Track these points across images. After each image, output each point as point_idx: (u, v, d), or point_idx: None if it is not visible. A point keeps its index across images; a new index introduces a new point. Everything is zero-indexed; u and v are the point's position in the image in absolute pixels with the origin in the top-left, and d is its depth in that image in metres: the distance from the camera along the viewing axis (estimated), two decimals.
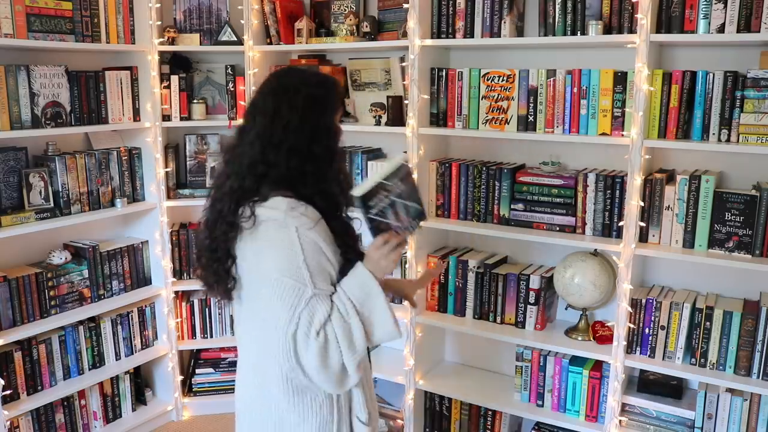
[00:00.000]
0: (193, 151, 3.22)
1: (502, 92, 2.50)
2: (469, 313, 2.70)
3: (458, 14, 2.52)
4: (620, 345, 2.35)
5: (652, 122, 2.25)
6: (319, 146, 1.51)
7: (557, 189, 2.46)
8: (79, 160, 2.77)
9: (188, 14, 3.08)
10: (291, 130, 1.48)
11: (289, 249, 1.43)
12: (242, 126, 1.57)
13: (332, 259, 1.49)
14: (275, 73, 1.62)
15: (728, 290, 2.39)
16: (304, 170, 1.49)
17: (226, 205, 1.51)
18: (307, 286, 1.43)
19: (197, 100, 3.10)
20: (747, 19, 2.05)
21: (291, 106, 1.49)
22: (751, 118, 2.08)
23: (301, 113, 1.49)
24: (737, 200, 2.15)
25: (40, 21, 2.53)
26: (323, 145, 1.52)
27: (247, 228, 1.47)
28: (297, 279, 1.42)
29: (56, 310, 2.76)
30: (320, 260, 1.46)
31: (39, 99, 2.57)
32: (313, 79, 1.58)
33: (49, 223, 2.65)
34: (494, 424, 2.76)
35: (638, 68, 2.17)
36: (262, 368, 1.57)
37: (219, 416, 3.30)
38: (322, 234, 1.47)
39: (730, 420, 2.27)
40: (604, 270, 2.41)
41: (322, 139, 1.52)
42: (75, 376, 2.85)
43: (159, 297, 3.16)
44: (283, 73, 1.62)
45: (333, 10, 2.94)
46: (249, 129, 1.53)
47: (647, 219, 2.30)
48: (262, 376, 1.58)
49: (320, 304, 1.44)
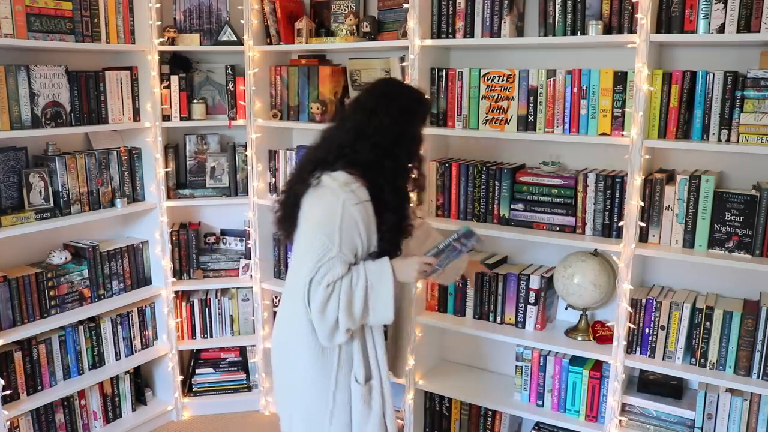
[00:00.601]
0: (193, 151, 3.22)
1: (502, 92, 2.50)
2: (469, 313, 2.70)
3: (458, 14, 2.52)
4: (620, 345, 2.35)
5: (652, 122, 2.25)
6: (401, 148, 1.83)
7: (557, 189, 2.46)
8: (79, 160, 2.77)
9: (188, 14, 3.08)
10: (381, 129, 1.80)
11: (332, 213, 1.72)
12: (344, 115, 1.93)
13: (364, 237, 1.77)
14: (383, 80, 2.01)
15: (728, 290, 2.39)
16: (383, 164, 1.79)
17: (307, 167, 1.86)
18: (334, 246, 1.72)
19: (197, 100, 3.10)
20: (747, 19, 2.05)
21: (387, 110, 1.82)
22: (751, 118, 2.08)
23: (393, 118, 1.82)
24: (737, 200, 2.15)
25: (40, 21, 2.53)
26: (406, 148, 1.85)
27: (312, 186, 1.81)
28: (329, 238, 1.72)
29: (56, 310, 2.76)
30: (352, 233, 1.74)
31: (39, 99, 2.57)
32: (411, 93, 1.93)
33: (49, 223, 2.65)
34: (494, 424, 2.76)
35: (638, 68, 2.17)
36: (295, 306, 1.84)
37: (219, 416, 3.30)
38: (362, 213, 1.75)
39: (730, 420, 2.27)
40: (604, 270, 2.41)
41: (406, 143, 1.86)
42: (75, 376, 2.85)
43: (159, 297, 3.16)
44: (389, 81, 2.01)
45: (333, 10, 2.94)
46: (348, 119, 1.87)
47: (647, 219, 2.30)
48: (294, 312, 1.86)
49: (338, 264, 1.73)
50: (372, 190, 1.79)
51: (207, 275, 3.26)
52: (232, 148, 3.19)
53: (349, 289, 1.75)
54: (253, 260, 3.21)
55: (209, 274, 3.27)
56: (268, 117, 3.09)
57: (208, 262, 3.26)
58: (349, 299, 1.75)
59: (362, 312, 1.78)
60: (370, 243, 1.80)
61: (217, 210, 3.37)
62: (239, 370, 3.36)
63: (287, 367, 1.95)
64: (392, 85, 1.96)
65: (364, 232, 1.76)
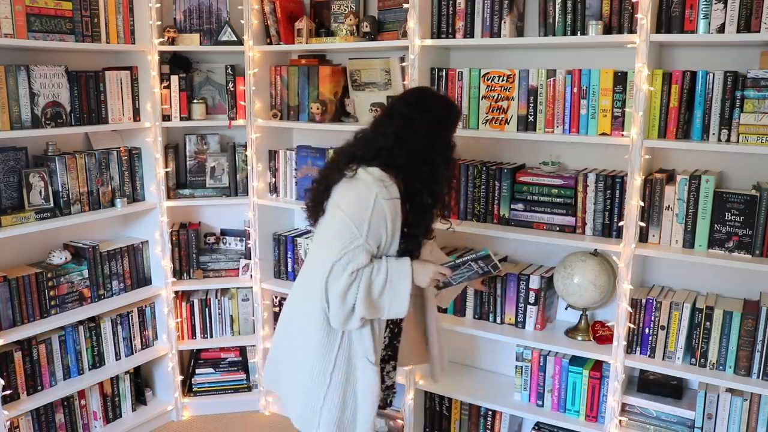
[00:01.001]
0: (193, 151, 3.22)
1: (502, 92, 2.50)
2: (469, 313, 2.70)
3: (458, 14, 2.52)
4: (620, 345, 2.35)
5: (652, 122, 2.25)
6: (436, 154, 1.93)
7: (557, 189, 2.46)
8: (79, 160, 2.77)
9: (188, 14, 3.08)
10: (417, 136, 1.90)
11: (364, 203, 1.82)
12: (381, 119, 2.01)
13: (389, 232, 1.86)
14: (419, 89, 2.15)
15: (728, 290, 2.39)
16: (420, 169, 1.90)
17: (343, 160, 1.95)
18: (362, 236, 1.82)
19: (197, 100, 3.10)
20: (747, 19, 2.05)
21: (423, 118, 1.91)
22: (751, 118, 2.08)
23: (428, 125, 1.91)
24: (737, 200, 2.15)
25: (40, 21, 2.53)
26: (440, 154, 1.94)
27: (347, 177, 1.89)
28: (357, 226, 1.82)
29: (56, 310, 2.76)
30: (380, 226, 1.84)
31: (39, 99, 2.57)
32: (443, 102, 2.04)
33: (49, 223, 2.65)
34: (494, 424, 2.76)
35: (638, 68, 2.17)
36: (310, 285, 1.95)
37: (219, 416, 3.30)
38: (391, 209, 1.84)
39: (730, 420, 2.27)
40: (604, 270, 2.41)
41: (440, 149, 1.95)
42: (75, 376, 2.85)
43: (159, 297, 3.16)
44: (424, 90, 2.11)
45: (333, 10, 2.94)
46: (387, 123, 1.95)
47: (647, 219, 2.30)
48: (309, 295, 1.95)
49: (363, 253, 1.83)
50: (405, 190, 1.89)
51: (207, 275, 3.26)
52: (232, 148, 3.19)
53: (369, 280, 1.84)
54: (253, 260, 3.21)
55: (209, 274, 3.27)
56: (268, 117, 3.09)
57: (208, 262, 3.26)
58: (368, 290, 1.85)
59: (378, 304, 1.88)
60: (394, 239, 1.89)
61: (217, 210, 3.37)
62: (239, 370, 3.36)
63: (294, 346, 2.04)
64: (425, 94, 2.06)
65: (390, 228, 1.85)
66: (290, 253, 3.16)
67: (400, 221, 1.89)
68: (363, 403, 1.97)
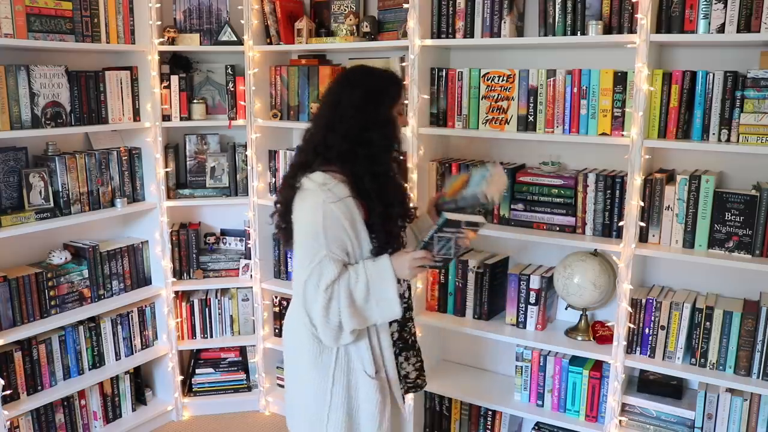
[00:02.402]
0: (193, 151, 3.22)
1: (502, 92, 2.50)
2: (469, 313, 2.70)
3: (458, 14, 2.52)
4: (620, 345, 2.35)
5: (652, 122, 2.25)
6: (373, 133, 1.77)
7: (557, 189, 2.46)
8: (79, 160, 2.77)
9: (188, 14, 3.08)
10: (346, 118, 1.76)
11: (314, 214, 1.71)
12: (316, 113, 1.91)
13: (351, 234, 1.74)
14: (350, 67, 1.95)
15: (728, 290, 2.39)
16: (357, 153, 1.75)
17: (290, 173, 1.86)
18: (322, 247, 1.71)
19: (197, 100, 3.10)
20: (747, 19, 2.05)
21: (350, 98, 1.78)
22: (751, 118, 2.08)
23: (356, 105, 1.77)
24: (737, 200, 2.15)
25: (40, 21, 2.53)
26: (378, 133, 1.78)
27: (297, 190, 1.79)
28: (314, 239, 1.71)
29: (56, 310, 2.76)
30: (337, 231, 1.71)
31: (39, 99, 2.57)
32: (374, 77, 1.86)
33: (49, 223, 2.65)
34: (494, 424, 2.76)
35: (638, 68, 2.17)
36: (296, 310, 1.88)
37: (219, 416, 3.30)
38: (343, 210, 1.72)
39: (730, 420, 2.27)
40: (604, 270, 2.41)
41: (377, 127, 1.78)
42: (75, 376, 2.85)
43: (159, 297, 3.16)
44: (352, 69, 1.93)
45: (333, 10, 2.94)
46: (318, 116, 1.86)
47: (647, 219, 2.30)
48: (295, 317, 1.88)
49: (330, 264, 1.71)
50: (353, 183, 1.76)
51: (207, 275, 3.26)
52: (232, 148, 3.18)
53: (348, 290, 1.72)
54: (253, 260, 3.21)
55: (209, 274, 3.27)
56: (268, 117, 3.09)
57: (208, 262, 3.26)
58: (350, 300, 1.73)
59: (365, 312, 1.75)
60: (360, 239, 1.77)
61: (217, 210, 3.37)
62: (239, 370, 3.36)
63: (291, 372, 1.98)
64: (354, 71, 1.91)
65: (350, 229, 1.73)
66: (290, 253, 3.16)
67: (360, 219, 1.76)
68: (366, 420, 1.85)
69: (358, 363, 1.84)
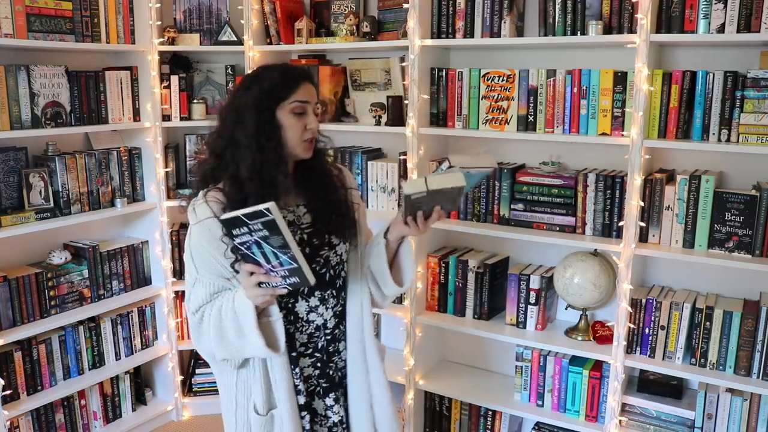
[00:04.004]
0: (193, 151, 3.22)
1: (502, 92, 2.50)
2: (469, 313, 2.70)
3: (458, 14, 2.52)
4: (620, 345, 2.35)
5: (652, 122, 2.25)
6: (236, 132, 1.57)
7: (557, 189, 2.46)
8: (79, 160, 2.77)
9: (188, 14, 3.08)
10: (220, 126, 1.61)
11: (188, 237, 1.62)
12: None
13: (218, 256, 1.54)
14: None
15: (728, 290, 2.39)
16: (225, 158, 1.58)
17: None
18: (194, 271, 1.60)
19: (197, 100, 3.10)
20: (747, 19, 2.05)
21: (223, 107, 1.65)
22: (751, 118, 2.08)
23: (225, 109, 1.63)
24: (737, 200, 2.15)
25: (40, 21, 2.53)
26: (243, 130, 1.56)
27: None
28: (189, 262, 1.61)
29: (56, 310, 2.76)
30: (203, 255, 1.57)
31: (39, 99, 2.57)
32: (245, 77, 1.66)
33: (49, 223, 2.65)
34: (494, 424, 2.76)
35: (638, 68, 2.17)
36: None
37: (219, 416, 3.26)
38: (202, 232, 1.56)
39: (730, 420, 2.27)
40: (604, 270, 2.41)
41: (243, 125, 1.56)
42: (75, 376, 2.85)
43: (159, 297, 3.16)
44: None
45: (333, 10, 2.94)
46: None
47: (647, 219, 2.30)
48: None
49: (199, 287, 1.59)
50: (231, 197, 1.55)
51: None
52: None
53: (218, 317, 1.54)
54: None
55: None
56: None
57: None
58: (219, 328, 1.54)
59: (231, 344, 1.56)
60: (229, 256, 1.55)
61: None
62: None
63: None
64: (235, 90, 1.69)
65: (215, 251, 1.54)
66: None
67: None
68: None
69: (251, 396, 1.68)
